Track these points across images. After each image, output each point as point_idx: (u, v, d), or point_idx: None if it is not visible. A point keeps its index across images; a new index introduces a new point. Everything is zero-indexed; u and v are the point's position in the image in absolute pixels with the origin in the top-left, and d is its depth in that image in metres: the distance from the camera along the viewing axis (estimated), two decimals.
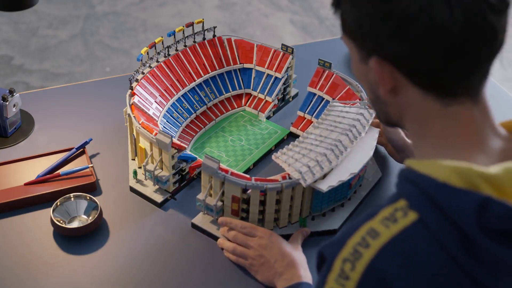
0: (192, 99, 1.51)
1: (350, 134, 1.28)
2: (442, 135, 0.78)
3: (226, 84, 1.57)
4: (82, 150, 1.43)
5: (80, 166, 1.38)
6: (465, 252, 0.68)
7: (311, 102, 1.51)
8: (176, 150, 1.29)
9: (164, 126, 1.41)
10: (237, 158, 1.43)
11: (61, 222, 1.24)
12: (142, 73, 1.45)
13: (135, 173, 1.36)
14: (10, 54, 3.29)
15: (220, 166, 1.20)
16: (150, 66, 1.47)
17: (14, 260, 1.20)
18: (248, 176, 1.22)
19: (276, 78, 1.55)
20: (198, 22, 1.52)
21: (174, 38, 1.50)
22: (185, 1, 3.85)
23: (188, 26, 1.51)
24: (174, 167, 1.31)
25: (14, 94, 1.43)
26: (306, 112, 1.50)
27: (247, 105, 1.58)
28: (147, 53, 1.44)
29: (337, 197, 1.29)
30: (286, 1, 3.93)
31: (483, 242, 0.67)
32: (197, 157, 1.36)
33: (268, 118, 1.57)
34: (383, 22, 0.73)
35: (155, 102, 1.43)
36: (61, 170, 1.37)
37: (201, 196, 1.24)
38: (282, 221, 1.26)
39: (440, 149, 0.78)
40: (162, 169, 1.31)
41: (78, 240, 1.24)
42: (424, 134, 0.79)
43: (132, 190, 1.36)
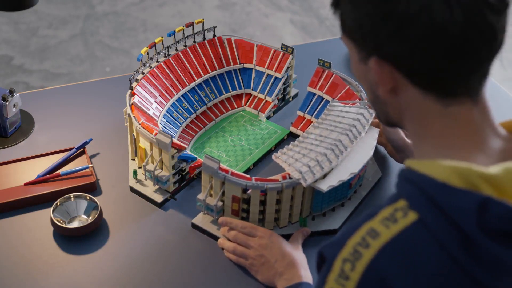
0: (192, 99, 1.51)
1: (350, 134, 1.29)
2: (442, 135, 0.78)
3: (226, 84, 1.57)
4: (82, 150, 1.43)
5: (80, 166, 1.38)
6: (465, 252, 0.68)
7: (311, 102, 1.51)
8: (176, 150, 1.29)
9: (164, 126, 1.41)
10: (237, 158, 1.43)
11: (61, 222, 1.25)
12: (142, 73, 1.45)
13: (135, 173, 1.36)
14: (10, 54, 3.29)
15: (220, 166, 1.20)
16: (150, 66, 1.47)
17: (14, 260, 1.20)
18: (248, 176, 1.22)
19: (276, 78, 1.55)
20: (198, 22, 1.52)
21: (174, 38, 1.50)
22: (185, 1, 3.85)
23: (188, 26, 1.51)
24: (174, 167, 1.31)
25: (14, 94, 1.43)
26: (306, 112, 1.50)
27: (247, 105, 1.58)
28: (147, 53, 1.44)
29: (337, 196, 1.29)
30: (286, 1, 3.93)
31: (483, 242, 0.67)
32: (197, 157, 1.36)
33: (268, 118, 1.57)
34: (383, 22, 0.73)
35: (155, 102, 1.43)
36: (61, 170, 1.37)
37: (201, 196, 1.24)
38: (282, 221, 1.26)
39: (440, 149, 0.78)
40: (162, 169, 1.31)
41: (78, 240, 1.24)
42: (424, 134, 0.79)
43: (132, 190, 1.36)
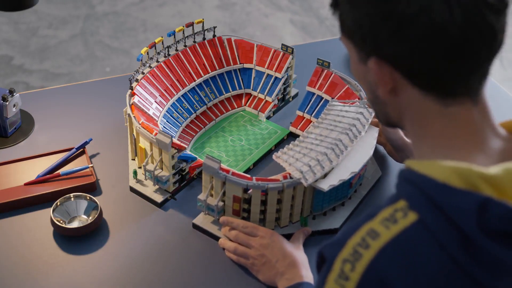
0: (192, 99, 1.51)
1: (350, 133, 1.29)
2: (442, 136, 0.78)
3: (226, 84, 1.57)
4: (82, 150, 1.43)
5: (80, 166, 1.38)
6: (465, 252, 0.68)
7: (310, 101, 1.51)
8: (176, 150, 1.29)
9: (164, 126, 1.41)
10: (237, 158, 1.43)
11: (61, 222, 1.25)
12: (142, 73, 1.45)
13: (135, 173, 1.36)
14: (10, 54, 3.29)
15: (221, 166, 1.20)
16: (150, 66, 1.47)
17: (14, 260, 1.20)
18: (249, 176, 1.22)
19: (276, 78, 1.55)
20: (198, 22, 1.52)
21: (174, 38, 1.50)
22: (185, 1, 3.85)
23: (188, 26, 1.51)
24: (174, 167, 1.31)
25: (14, 94, 1.43)
26: (305, 111, 1.50)
27: (247, 105, 1.58)
28: (147, 53, 1.44)
29: (338, 196, 1.29)
30: (286, 1, 3.93)
31: (483, 243, 0.67)
32: (197, 157, 1.36)
33: (268, 118, 1.57)
34: (383, 22, 0.73)
35: (155, 102, 1.43)
36: (61, 170, 1.37)
37: (202, 196, 1.24)
38: (283, 220, 1.26)
39: (440, 149, 0.77)
40: (162, 169, 1.31)
41: (78, 240, 1.24)
42: (424, 134, 0.79)
43: (132, 190, 1.36)
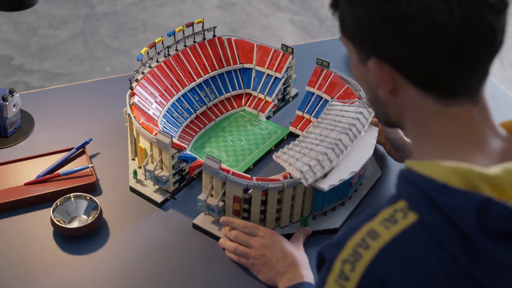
0: (192, 99, 1.51)
1: (350, 133, 1.29)
2: (441, 136, 0.77)
3: (226, 84, 1.57)
4: (82, 150, 1.43)
5: (80, 166, 1.38)
6: (465, 252, 0.68)
7: (310, 101, 1.51)
8: (176, 150, 1.29)
9: (164, 126, 1.41)
10: (237, 158, 1.43)
11: (61, 222, 1.25)
12: (142, 73, 1.45)
13: (135, 173, 1.36)
14: (10, 54, 3.29)
15: (221, 166, 1.20)
16: (150, 66, 1.47)
17: (14, 260, 1.20)
18: (249, 176, 1.22)
19: (276, 78, 1.55)
20: (198, 22, 1.52)
21: (174, 38, 1.50)
22: (185, 1, 3.85)
23: (188, 26, 1.51)
24: (174, 167, 1.31)
25: (14, 94, 1.43)
26: (305, 111, 1.50)
27: (247, 105, 1.58)
28: (147, 53, 1.44)
29: (338, 196, 1.29)
30: (286, 1, 3.93)
31: (483, 243, 0.67)
32: (197, 157, 1.36)
33: (268, 118, 1.57)
34: (383, 22, 0.73)
35: (155, 102, 1.43)
36: (61, 170, 1.37)
37: (202, 196, 1.24)
38: (283, 220, 1.26)
39: (440, 149, 0.77)
40: (162, 169, 1.31)
41: (78, 240, 1.24)
42: (423, 134, 0.79)
43: (132, 190, 1.36)
